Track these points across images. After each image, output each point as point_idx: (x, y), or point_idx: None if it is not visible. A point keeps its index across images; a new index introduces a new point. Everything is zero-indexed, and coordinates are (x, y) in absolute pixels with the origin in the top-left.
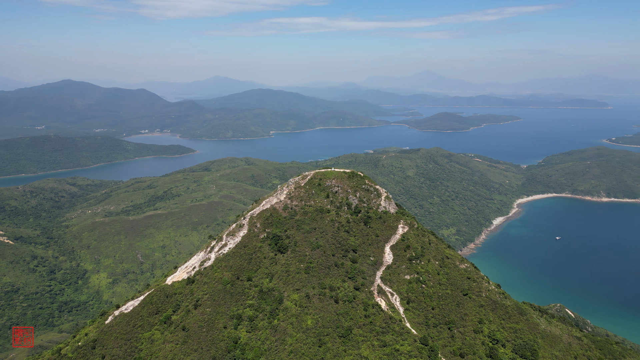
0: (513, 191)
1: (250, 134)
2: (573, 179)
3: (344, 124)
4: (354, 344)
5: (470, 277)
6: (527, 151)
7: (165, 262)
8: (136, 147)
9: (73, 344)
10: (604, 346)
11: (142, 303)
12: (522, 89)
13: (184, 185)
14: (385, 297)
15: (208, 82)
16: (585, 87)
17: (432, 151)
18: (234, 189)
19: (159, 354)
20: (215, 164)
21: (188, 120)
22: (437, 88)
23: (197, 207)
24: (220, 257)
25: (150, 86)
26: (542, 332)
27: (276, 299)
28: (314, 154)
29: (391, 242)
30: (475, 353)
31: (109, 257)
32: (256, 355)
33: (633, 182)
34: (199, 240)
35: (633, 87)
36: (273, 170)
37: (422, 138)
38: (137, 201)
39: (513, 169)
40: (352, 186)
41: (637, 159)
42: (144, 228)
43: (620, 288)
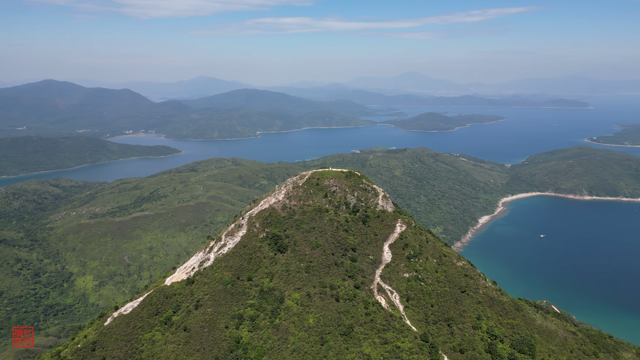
0: (498, 190)
1: (237, 134)
2: (556, 177)
3: (330, 124)
4: (355, 341)
5: (468, 274)
6: (511, 151)
7: (152, 264)
8: (120, 148)
9: (72, 347)
10: (598, 340)
11: (141, 304)
12: (505, 89)
13: (170, 186)
14: (385, 295)
15: (193, 82)
16: (566, 87)
17: (418, 151)
18: (222, 190)
19: (161, 354)
20: (201, 165)
21: (173, 121)
22: (422, 88)
23: (184, 208)
24: (219, 257)
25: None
26: (538, 328)
27: (277, 298)
28: (301, 154)
29: (389, 240)
30: (474, 349)
31: (95, 260)
32: (259, 354)
33: (614, 180)
34: (186, 241)
35: (613, 88)
36: (260, 171)
37: (408, 138)
38: (123, 202)
39: (498, 168)
40: (349, 185)
41: (618, 158)
42: (130, 229)
43: (603, 284)
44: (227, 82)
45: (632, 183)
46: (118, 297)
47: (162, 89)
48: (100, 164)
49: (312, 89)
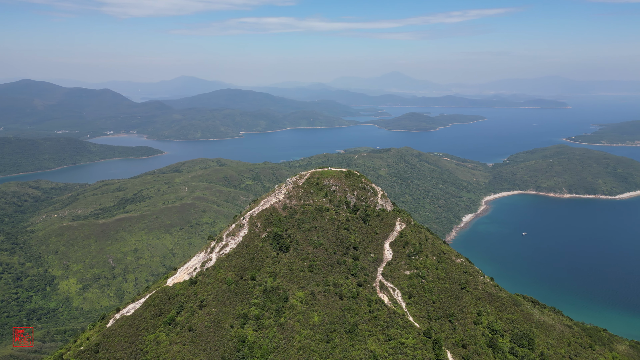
0: (481, 189)
1: (220, 135)
2: (537, 176)
3: (314, 124)
4: (360, 338)
5: (467, 271)
6: (493, 150)
7: (138, 266)
8: (102, 149)
9: (75, 349)
10: (593, 333)
11: (144, 305)
12: (486, 90)
13: (154, 187)
14: (388, 292)
15: (175, 82)
16: (545, 87)
17: (402, 151)
18: (207, 191)
19: (167, 355)
20: (185, 165)
21: (155, 121)
22: (405, 88)
23: (169, 209)
24: (222, 258)
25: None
26: (536, 322)
27: (281, 297)
28: (285, 155)
29: (390, 239)
30: (476, 344)
31: (79, 263)
32: (265, 353)
33: (593, 178)
34: (172, 243)
35: (589, 88)
36: (246, 171)
37: (391, 138)
38: (106, 204)
39: (480, 167)
40: (349, 185)
41: (596, 157)
42: (114, 232)
43: (585, 280)
44: (209, 82)
45: (610, 181)
46: (103, 300)
47: (144, 89)
48: (80, 165)
49: (296, 89)
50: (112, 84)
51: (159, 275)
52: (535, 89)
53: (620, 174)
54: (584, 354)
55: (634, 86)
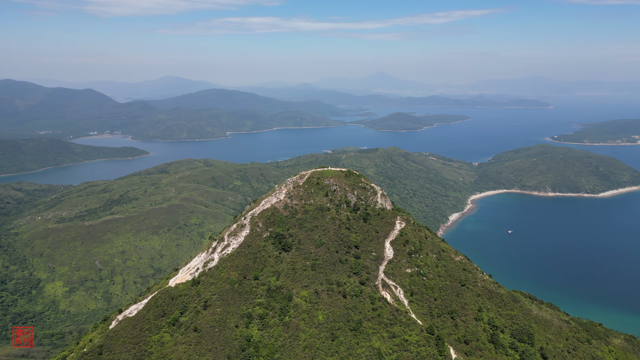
0: (467, 188)
1: (206, 135)
2: (521, 175)
3: (301, 124)
4: (365, 336)
5: (466, 268)
6: (478, 149)
7: (125, 268)
8: (85, 150)
9: (78, 351)
10: (590, 328)
11: (146, 306)
12: (471, 90)
13: (141, 188)
14: (390, 290)
15: (159, 82)
16: (527, 87)
17: (389, 150)
18: (195, 191)
19: (172, 356)
20: (172, 166)
21: (140, 122)
22: (390, 89)
23: (157, 210)
24: (224, 258)
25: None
26: (535, 317)
27: (285, 296)
28: (272, 155)
29: (390, 237)
30: (478, 339)
31: (65, 265)
32: (270, 352)
33: (575, 177)
34: (160, 244)
35: (570, 88)
36: (234, 172)
37: (378, 138)
38: (91, 206)
39: (466, 166)
40: (349, 184)
41: (579, 156)
42: (101, 233)
43: (569, 277)
44: (194, 82)
45: (592, 180)
46: (90, 303)
47: (127, 89)
48: (64, 167)
49: (282, 89)
50: (95, 84)
51: (147, 277)
52: (518, 89)
53: (602, 173)
54: (582, 348)
55: (614, 86)
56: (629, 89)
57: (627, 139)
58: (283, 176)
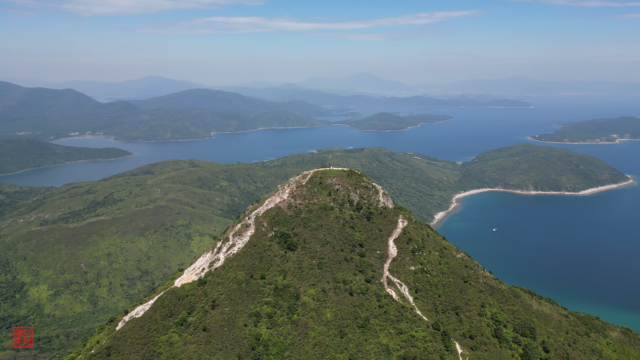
0: (451, 187)
1: (190, 135)
2: (504, 174)
3: (286, 124)
4: (372, 333)
5: (467, 265)
6: (461, 149)
7: (111, 271)
8: (67, 151)
9: (85, 353)
10: (588, 321)
11: (153, 307)
12: (453, 90)
13: (126, 189)
14: (395, 287)
15: (141, 82)
16: (508, 88)
17: (375, 150)
18: (181, 192)
19: (182, 355)
20: (157, 167)
21: (122, 122)
22: (374, 89)
23: (143, 211)
24: (230, 257)
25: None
26: (535, 312)
27: (292, 294)
28: (258, 155)
29: (394, 235)
30: (482, 334)
31: (49, 268)
32: (280, 350)
33: (557, 175)
34: (147, 246)
35: (550, 88)
36: (220, 172)
37: (363, 138)
38: (75, 208)
39: (450, 166)
40: (351, 184)
41: (559, 155)
42: (86, 236)
43: (552, 272)
44: (177, 82)
45: (573, 178)
46: (76, 306)
47: (108, 89)
48: (44, 168)
49: (266, 89)
50: (75, 84)
51: (133, 279)
52: (499, 89)
53: (583, 171)
54: (581, 341)
55: (592, 87)
56: (606, 89)
57: (606, 138)
58: (270, 176)
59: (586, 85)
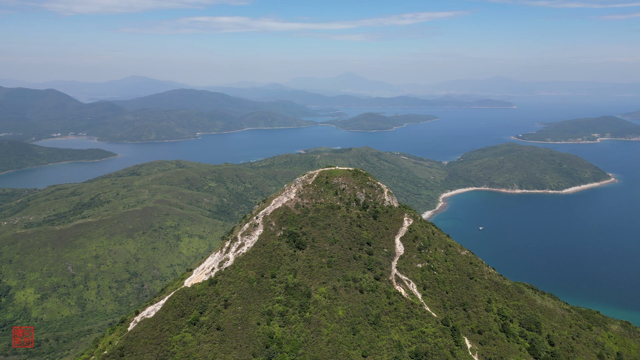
0: (438, 186)
1: (176, 136)
2: (490, 173)
3: (272, 124)
4: (384, 329)
5: (472, 262)
6: (447, 148)
7: (99, 273)
8: (49, 152)
9: (98, 354)
10: (589, 315)
11: (164, 307)
12: (437, 90)
13: (112, 191)
14: (403, 285)
15: (124, 82)
16: (492, 88)
17: (362, 150)
18: (169, 193)
19: (197, 354)
20: (144, 168)
21: (106, 122)
22: (359, 89)
23: (130, 213)
24: (240, 257)
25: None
26: (540, 307)
27: (304, 293)
28: (245, 155)
29: (400, 234)
30: (490, 329)
31: (35, 271)
32: (294, 348)
33: (540, 174)
34: (135, 248)
35: (532, 88)
36: (208, 173)
37: (349, 138)
38: (60, 210)
39: (436, 165)
40: (357, 183)
41: (543, 154)
42: (73, 238)
43: (538, 269)
44: (161, 82)
45: (556, 177)
46: (64, 309)
47: (91, 89)
48: (27, 170)
49: (251, 89)
50: (57, 84)
51: (122, 282)
52: (483, 89)
53: (566, 170)
54: (584, 335)
55: (573, 87)
56: (587, 89)
57: (587, 137)
58: (259, 177)
59: (567, 85)
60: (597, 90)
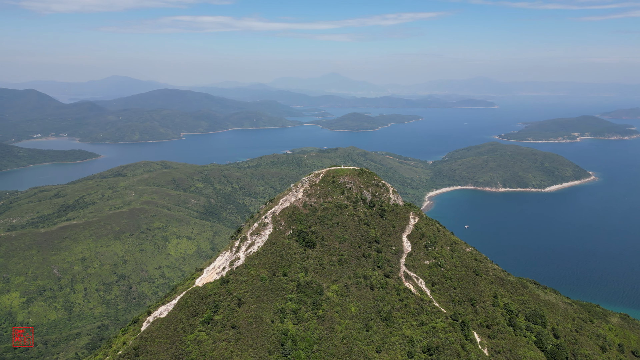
0: (423, 185)
1: (160, 136)
2: (474, 172)
3: (257, 124)
4: (396, 325)
5: (477, 258)
6: (431, 148)
7: (86, 276)
8: (30, 153)
9: (113, 354)
10: (590, 309)
11: (177, 306)
12: (421, 90)
13: (97, 192)
14: (412, 281)
15: (106, 82)
16: (474, 88)
17: (348, 150)
18: (155, 194)
19: (213, 353)
20: (129, 169)
21: (87, 123)
22: (344, 89)
23: (117, 215)
24: (251, 256)
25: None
26: (543, 301)
27: (316, 290)
28: (231, 156)
29: (406, 232)
30: (498, 323)
31: (20, 275)
32: (309, 344)
33: (523, 173)
34: (122, 249)
35: (513, 88)
36: (195, 174)
37: (335, 138)
38: (44, 212)
39: (421, 164)
40: (363, 182)
41: (525, 153)
42: (58, 240)
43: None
44: (143, 82)
45: (538, 175)
46: (50, 313)
47: (71, 89)
48: (7, 172)
49: (235, 89)
50: (35, 84)
51: (110, 284)
52: (465, 89)
53: (547, 168)
54: (587, 327)
55: (552, 87)
56: (566, 89)
57: (567, 136)
58: (246, 177)
59: (546, 85)
60: (575, 90)
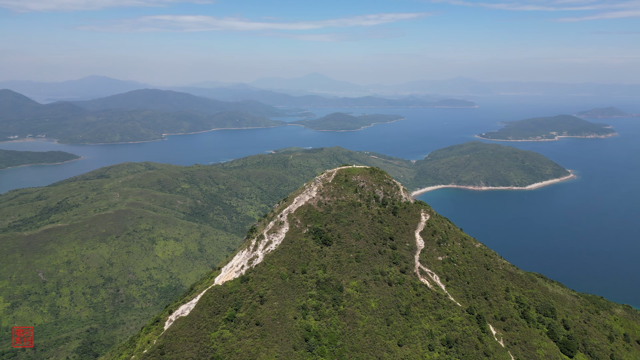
0: (408, 184)
1: (141, 137)
2: (457, 171)
3: (240, 124)
4: (415, 319)
5: (487, 253)
6: (414, 147)
7: (72, 279)
8: (7, 155)
9: (138, 353)
10: (595, 301)
11: (198, 305)
12: (402, 90)
13: (81, 194)
14: (427, 277)
15: (84, 82)
16: (454, 88)
17: (333, 150)
18: (141, 196)
19: (239, 350)
20: (112, 170)
21: (66, 124)
22: (326, 89)
23: (102, 217)
24: (269, 254)
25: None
26: (552, 294)
27: (335, 287)
28: (215, 156)
29: (419, 228)
30: (512, 316)
31: (4, 279)
32: (332, 340)
33: (505, 171)
34: (109, 252)
35: (492, 88)
36: (180, 174)
37: (319, 138)
38: (25, 215)
39: (405, 164)
40: (375, 181)
41: (506, 151)
42: (43, 244)
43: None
44: (123, 82)
45: (519, 173)
46: (36, 317)
47: (48, 89)
48: None
49: (217, 89)
50: (11, 84)
51: (97, 287)
52: (445, 89)
53: (528, 167)
54: (594, 319)
55: (530, 87)
56: (543, 89)
57: (546, 135)
58: (232, 178)
59: (524, 85)
60: (553, 90)
